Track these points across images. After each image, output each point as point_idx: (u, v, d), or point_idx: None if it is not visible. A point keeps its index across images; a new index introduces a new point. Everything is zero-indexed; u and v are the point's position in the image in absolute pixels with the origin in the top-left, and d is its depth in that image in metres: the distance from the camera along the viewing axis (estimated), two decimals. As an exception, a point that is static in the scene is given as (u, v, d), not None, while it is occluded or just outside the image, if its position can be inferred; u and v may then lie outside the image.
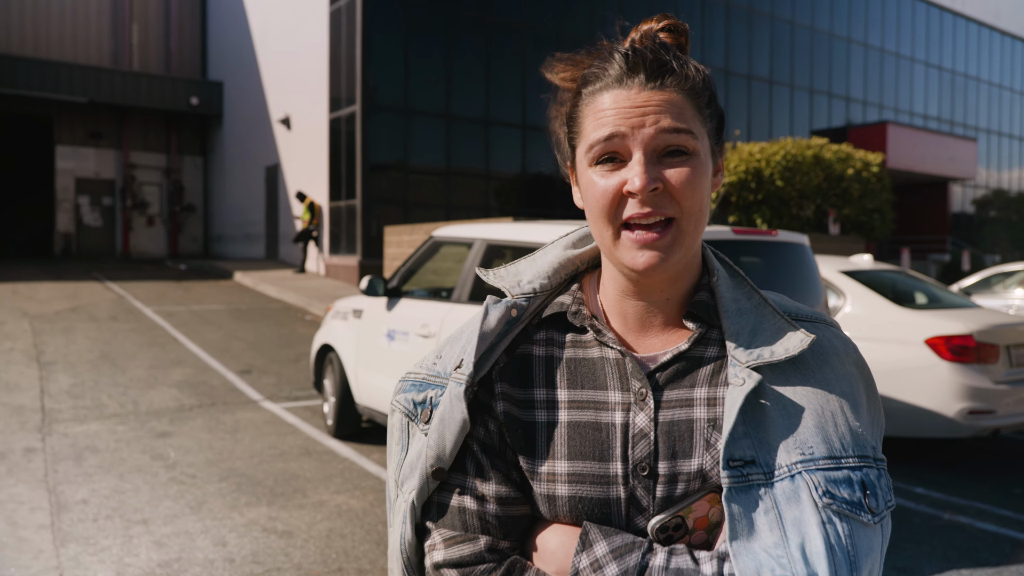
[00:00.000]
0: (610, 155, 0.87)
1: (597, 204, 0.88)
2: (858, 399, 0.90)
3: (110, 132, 21.83)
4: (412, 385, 0.98)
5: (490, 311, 0.95)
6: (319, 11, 16.25)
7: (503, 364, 0.94)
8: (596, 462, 0.89)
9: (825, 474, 0.83)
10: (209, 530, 3.99)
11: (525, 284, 0.98)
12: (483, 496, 0.90)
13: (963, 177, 23.51)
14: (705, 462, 0.88)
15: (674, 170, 0.86)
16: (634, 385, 0.91)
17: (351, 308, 5.73)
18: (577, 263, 1.01)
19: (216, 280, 16.17)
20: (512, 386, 0.93)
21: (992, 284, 10.45)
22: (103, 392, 6.89)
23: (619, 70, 0.88)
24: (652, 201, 0.86)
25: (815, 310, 0.99)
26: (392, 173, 15.68)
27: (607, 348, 0.94)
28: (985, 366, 5.44)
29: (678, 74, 0.87)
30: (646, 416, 0.89)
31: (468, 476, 0.91)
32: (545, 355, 0.95)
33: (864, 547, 0.82)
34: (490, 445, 0.92)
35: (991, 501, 4.86)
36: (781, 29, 21.93)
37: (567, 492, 0.89)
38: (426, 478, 0.91)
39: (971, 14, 27.47)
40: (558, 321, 0.97)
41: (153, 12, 22.37)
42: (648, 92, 0.86)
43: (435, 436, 0.91)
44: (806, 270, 4.34)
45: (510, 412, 0.92)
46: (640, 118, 0.85)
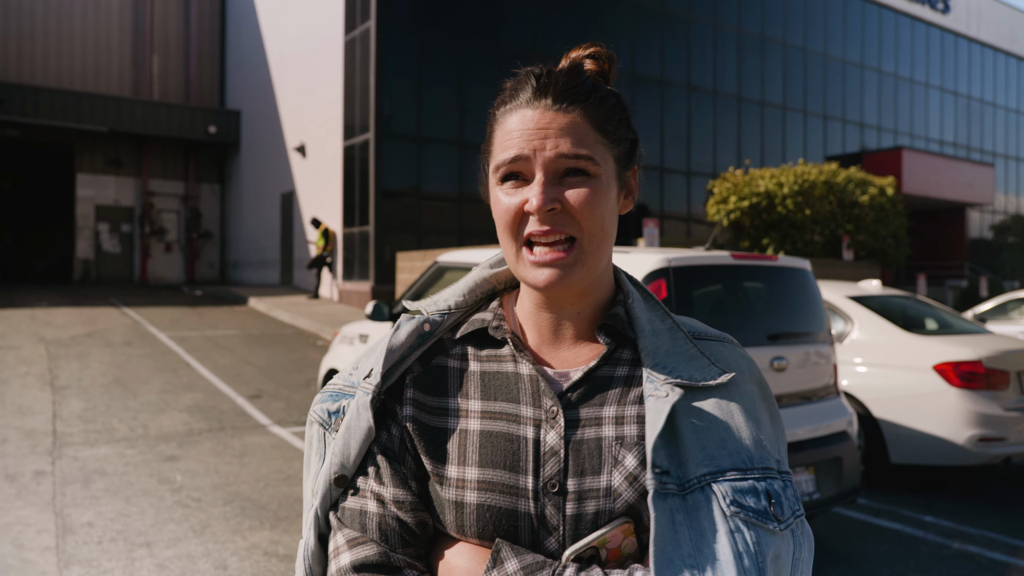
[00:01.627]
0: (514, 174, 0.90)
1: (501, 220, 0.91)
2: (760, 414, 0.94)
3: (130, 160, 22.21)
4: (330, 396, 1.00)
5: (402, 326, 0.98)
6: (334, 41, 16.54)
7: (417, 373, 0.97)
8: (507, 472, 0.90)
9: (732, 484, 0.86)
10: (211, 553, 4.01)
11: (441, 303, 1.01)
12: (382, 498, 0.91)
13: (980, 202, 23.35)
14: (613, 479, 0.88)
15: (573, 191, 0.88)
16: (546, 403, 0.92)
17: (357, 333, 5.77)
18: (494, 282, 1.04)
19: (231, 306, 16.31)
20: (424, 393, 0.95)
21: (1008, 310, 10.34)
22: (114, 416, 6.96)
23: (529, 93, 0.91)
24: (551, 220, 0.88)
25: (720, 331, 1.02)
26: (405, 200, 15.82)
27: (522, 364, 0.95)
28: (995, 392, 5.38)
29: (584, 99, 0.90)
30: (556, 434, 0.90)
31: (368, 479, 0.92)
32: (460, 367, 0.97)
33: (772, 554, 0.85)
34: (391, 449, 0.93)
35: (1001, 530, 4.78)
36: (794, 56, 22.02)
37: (476, 499, 0.89)
38: (329, 485, 0.92)
39: (986, 40, 27.46)
40: (476, 337, 0.99)
41: (173, 43, 22.84)
42: (552, 114, 0.89)
43: (340, 443, 0.93)
44: (808, 295, 4.33)
45: (418, 418, 0.94)
46: (542, 140, 0.88)
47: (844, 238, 14.94)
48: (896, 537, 4.63)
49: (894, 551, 4.40)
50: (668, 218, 18.82)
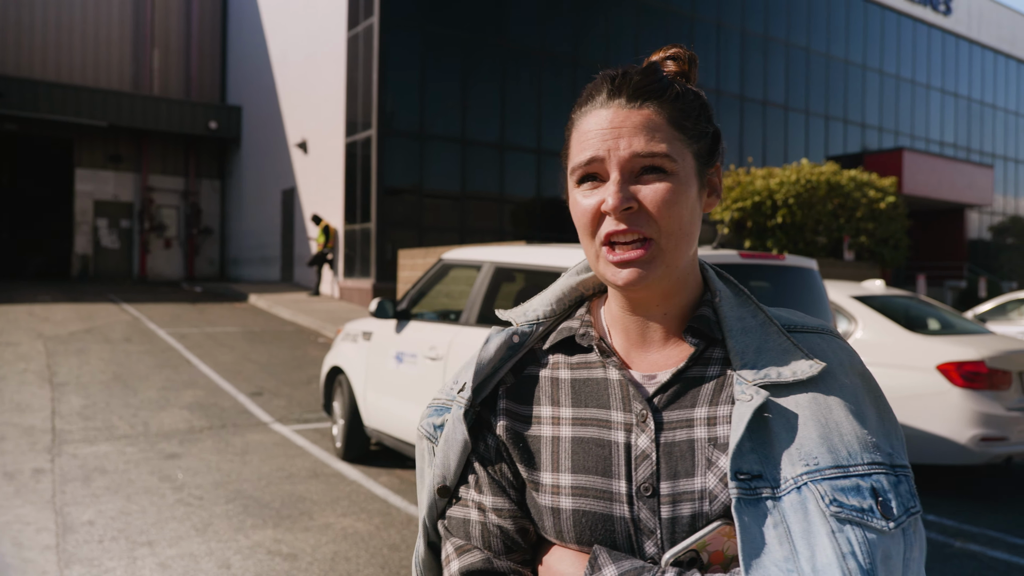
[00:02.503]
0: (590, 176, 0.90)
1: (580, 222, 0.92)
2: (863, 408, 0.89)
3: (129, 155, 22.17)
4: (435, 411, 1.04)
5: (491, 339, 1.01)
6: (337, 37, 16.51)
7: (509, 384, 0.99)
8: (600, 477, 0.90)
9: (831, 483, 0.82)
10: (214, 552, 3.99)
11: (530, 312, 1.03)
12: (482, 507, 0.94)
13: (980, 204, 23.37)
14: (708, 481, 0.87)
15: (649, 189, 0.87)
16: (635, 407, 0.92)
17: (360, 330, 5.75)
18: (581, 289, 1.05)
19: (231, 302, 16.29)
20: (516, 403, 0.98)
21: (1008, 311, 10.34)
22: (114, 413, 6.94)
23: (604, 94, 0.91)
24: (628, 219, 0.87)
25: (819, 320, 0.99)
26: (407, 197, 15.80)
27: (611, 369, 0.96)
28: (997, 392, 5.38)
29: (659, 95, 0.89)
30: (648, 437, 0.90)
31: (469, 488, 0.96)
32: (550, 375, 0.99)
33: (880, 554, 0.81)
34: (487, 459, 0.96)
35: (1003, 529, 4.78)
36: (796, 56, 22.02)
37: (571, 505, 0.91)
38: (433, 496, 0.97)
39: (987, 42, 27.46)
40: (566, 345, 1.01)
41: (174, 38, 22.80)
42: (625, 112, 0.88)
43: (440, 456, 0.97)
44: (814, 294, 4.33)
45: (511, 427, 0.96)
46: (615, 140, 0.88)
47: (845, 239, 14.94)
48: (900, 538, 4.62)
49: (898, 552, 4.39)
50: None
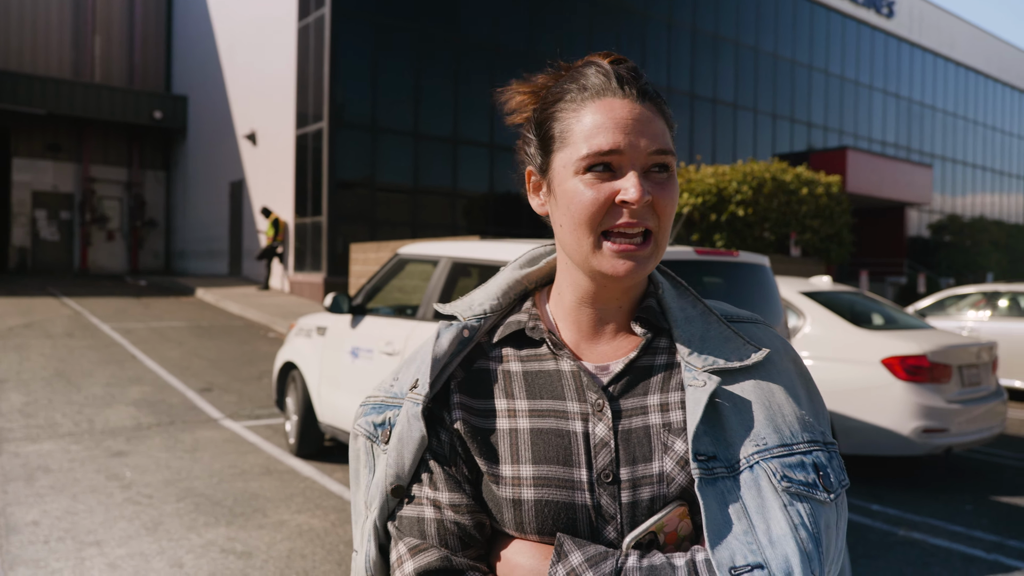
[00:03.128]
0: (604, 164, 0.89)
1: (584, 211, 0.90)
2: (799, 391, 0.97)
3: (69, 145, 21.47)
4: (372, 408, 1.00)
5: (442, 334, 0.98)
6: (287, 27, 16.22)
7: (460, 378, 0.98)
8: (561, 466, 0.91)
9: (780, 460, 0.89)
10: (165, 551, 3.91)
11: (476, 307, 1.02)
12: (438, 503, 0.92)
13: (919, 202, 24.12)
14: (666, 465, 0.91)
15: (659, 185, 0.90)
16: (590, 396, 0.94)
17: (315, 325, 5.68)
18: (525, 283, 1.05)
19: (177, 296, 15.92)
20: (469, 397, 0.96)
21: (946, 306, 10.71)
22: (57, 411, 6.73)
23: (611, 81, 0.91)
24: (639, 213, 0.89)
25: (750, 312, 1.06)
26: (359, 190, 15.63)
27: (563, 360, 0.97)
28: (938, 386, 5.57)
29: (658, 95, 0.93)
30: (605, 426, 0.92)
31: (423, 486, 0.93)
32: (502, 368, 0.98)
33: (823, 523, 0.88)
34: (442, 455, 0.94)
35: (944, 517, 4.96)
36: (745, 55, 22.40)
37: (533, 496, 0.90)
38: (386, 496, 0.94)
39: (927, 45, 28.34)
40: (513, 338, 1.01)
41: (117, 24, 22.13)
42: (640, 107, 0.90)
43: (393, 455, 0.94)
44: (766, 290, 4.42)
45: (467, 420, 0.95)
46: (637, 135, 0.89)
47: (792, 235, 15.29)
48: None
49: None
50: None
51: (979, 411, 5.73)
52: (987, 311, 10.13)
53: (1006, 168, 33.00)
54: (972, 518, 4.98)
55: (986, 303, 10.27)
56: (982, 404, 5.79)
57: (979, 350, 5.96)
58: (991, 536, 4.65)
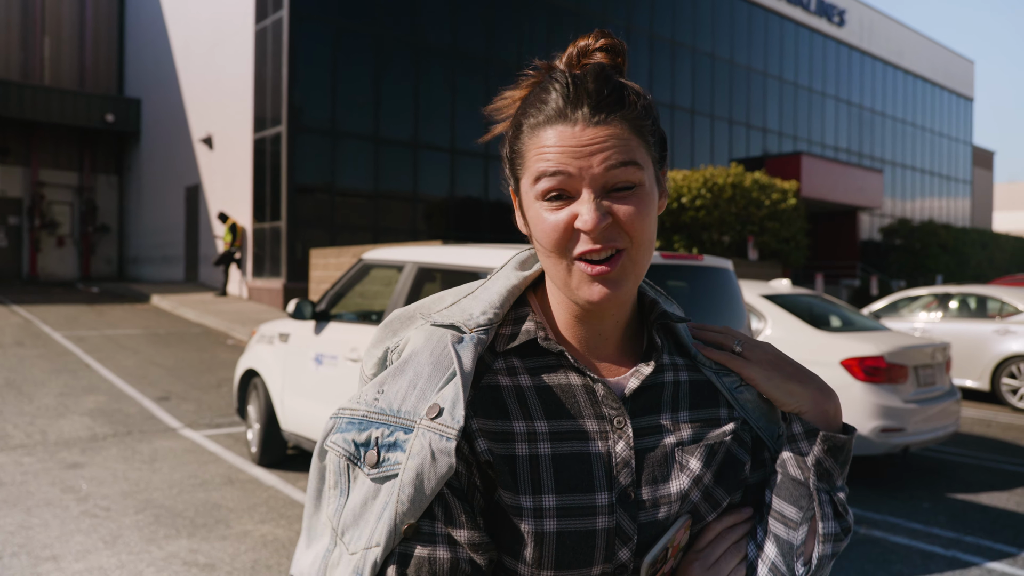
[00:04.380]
0: (557, 192, 0.85)
1: (548, 239, 0.86)
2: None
3: (17, 148, 20.86)
4: (350, 424, 0.88)
5: (461, 352, 0.87)
6: (244, 30, 16.00)
7: (471, 398, 0.87)
8: (583, 494, 0.86)
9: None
10: (125, 565, 3.81)
11: (479, 316, 0.92)
12: (456, 543, 0.83)
13: (871, 206, 24.69)
14: (683, 484, 0.90)
15: (623, 204, 0.85)
16: (608, 413, 0.90)
17: (277, 332, 5.60)
18: (522, 287, 0.98)
19: (132, 303, 15.56)
20: (487, 420, 0.87)
21: (899, 308, 10.98)
22: (8, 422, 6.52)
23: (561, 103, 0.85)
24: (602, 236, 0.85)
25: None
26: (318, 195, 15.47)
27: (574, 374, 0.92)
28: (895, 386, 5.70)
29: (620, 105, 0.85)
30: (625, 444, 0.89)
31: (436, 522, 0.83)
32: (512, 384, 0.90)
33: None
34: (459, 489, 0.84)
35: (902, 515, 5.08)
36: (702, 62, 22.73)
37: (556, 527, 0.85)
38: (393, 535, 0.82)
39: (877, 53, 29.08)
40: (517, 349, 0.93)
41: (67, 25, 21.59)
42: (593, 128, 0.83)
43: (409, 491, 0.82)
44: (730, 294, 4.48)
45: (490, 449, 0.86)
46: (587, 158, 0.83)
47: (749, 239, 15.54)
48: (808, 525, 4.84)
49: (808, 539, 4.60)
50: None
51: (934, 410, 5.88)
52: (939, 312, 10.41)
53: (952, 173, 33.99)
54: (930, 515, 5.10)
55: (937, 304, 10.55)
56: (937, 404, 5.94)
57: (934, 351, 6.12)
58: (948, 533, 4.77)
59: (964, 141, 34.99)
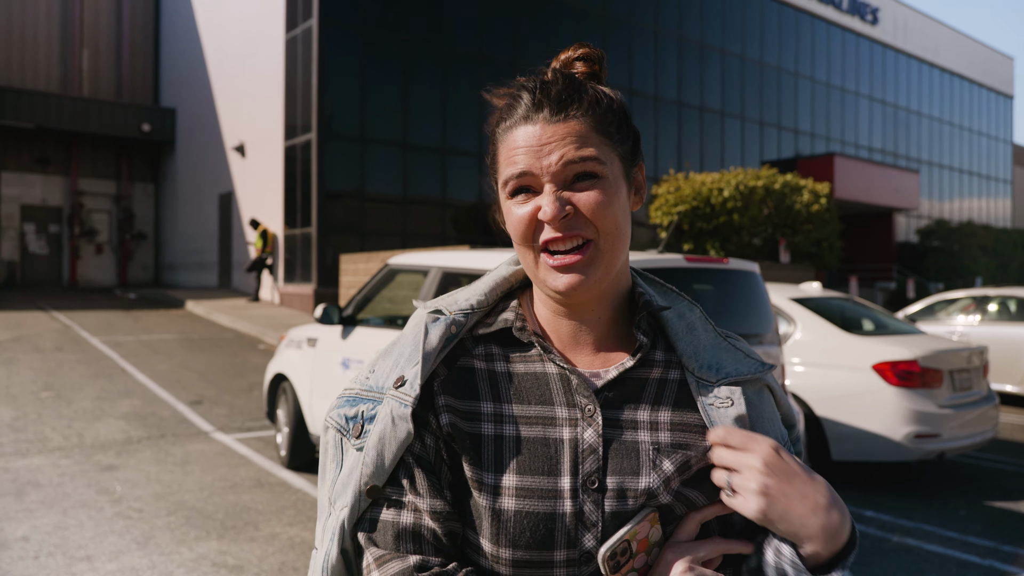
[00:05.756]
0: (523, 188, 0.92)
1: (516, 231, 0.92)
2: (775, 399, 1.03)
3: (58, 158, 21.37)
4: (346, 401, 0.97)
5: (430, 329, 0.95)
6: (275, 39, 16.23)
7: (443, 376, 0.94)
8: (545, 477, 0.89)
9: None
10: (156, 565, 3.87)
11: (463, 302, 0.99)
12: (419, 510, 0.89)
13: (907, 207, 24.28)
14: (652, 482, 0.90)
15: (583, 194, 0.89)
16: (580, 401, 0.92)
17: (305, 337, 5.66)
18: (512, 281, 1.04)
19: (167, 309, 15.84)
20: (455, 398, 0.93)
21: (936, 311, 10.76)
22: (46, 425, 6.67)
23: (526, 107, 0.91)
24: (566, 226, 0.89)
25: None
26: (348, 201, 15.62)
27: (551, 364, 0.95)
28: (930, 391, 5.59)
29: (580, 104, 0.90)
30: (594, 432, 0.90)
31: (403, 491, 0.90)
32: (487, 368, 0.95)
33: None
34: (425, 459, 0.90)
35: (937, 523, 4.97)
36: (731, 63, 22.54)
37: (514, 506, 0.88)
38: (359, 496, 0.90)
39: (912, 51, 28.60)
40: (498, 337, 0.98)
41: (104, 38, 22.08)
42: (552, 127, 0.89)
43: (372, 454, 0.90)
44: (757, 297, 4.43)
45: (455, 424, 0.91)
46: (547, 156, 0.89)
47: (781, 241, 15.36)
48: (840, 532, 4.76)
49: (838, 546, 4.52)
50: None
51: (971, 416, 5.75)
52: (977, 315, 10.19)
53: (992, 172, 33.28)
54: (966, 523, 4.99)
55: (976, 307, 10.33)
56: (974, 409, 5.80)
57: (970, 354, 5.99)
58: (985, 541, 4.65)
59: (1004, 140, 34.24)
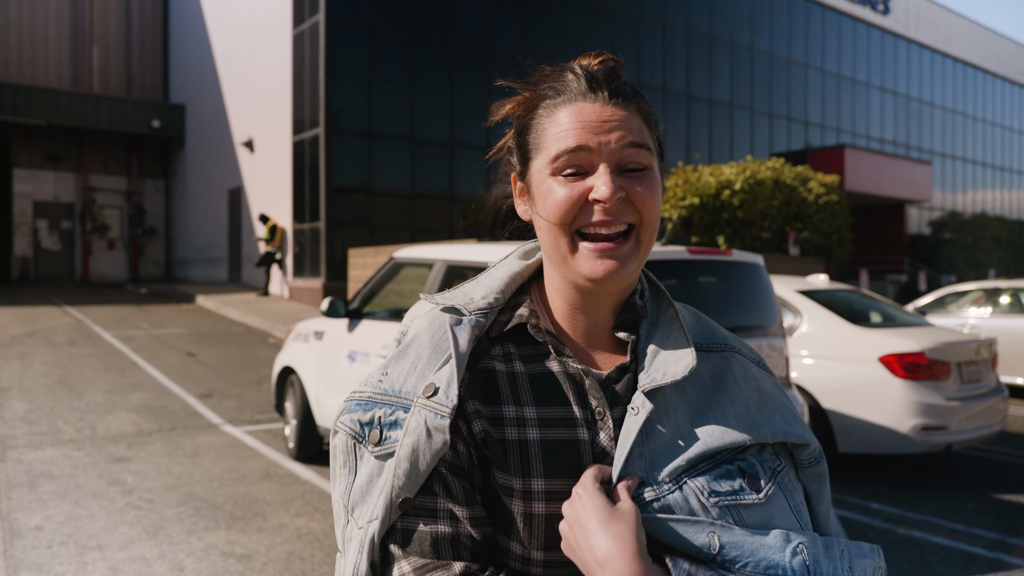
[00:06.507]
0: (575, 167, 0.89)
1: (558, 209, 0.89)
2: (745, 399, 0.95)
3: (69, 155, 21.52)
4: (358, 405, 0.93)
5: (458, 333, 0.92)
6: (282, 34, 16.27)
7: (468, 380, 0.92)
8: (572, 480, 0.89)
9: (705, 476, 0.87)
10: (166, 555, 3.92)
11: (479, 300, 0.97)
12: (457, 518, 0.87)
13: (919, 199, 24.11)
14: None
15: (636, 180, 0.89)
16: (592, 403, 0.92)
17: (312, 330, 5.70)
18: (524, 276, 1.02)
19: (178, 304, 15.95)
20: (482, 403, 0.91)
21: (946, 303, 10.70)
22: (59, 418, 6.75)
23: (582, 85, 0.91)
24: (615, 210, 0.88)
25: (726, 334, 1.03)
26: (356, 196, 15.66)
27: (566, 362, 0.94)
28: (937, 383, 5.57)
29: (633, 96, 0.92)
30: (606, 435, 0.91)
31: (438, 498, 0.87)
32: (507, 371, 0.94)
33: (759, 523, 0.86)
34: (459, 467, 0.89)
35: (944, 516, 4.96)
36: (740, 54, 22.42)
37: (545, 511, 0.88)
38: (389, 508, 0.87)
39: (924, 41, 28.35)
40: (513, 335, 0.96)
41: (114, 35, 22.19)
42: (611, 108, 0.90)
43: (405, 466, 0.86)
44: (761, 289, 4.43)
45: (486, 430, 0.90)
46: (607, 134, 0.88)
47: (790, 234, 15.29)
48: (844, 524, 4.77)
49: (843, 537, 4.52)
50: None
51: (979, 408, 5.73)
52: (988, 308, 10.13)
53: (1007, 164, 32.99)
54: (973, 516, 4.97)
55: (987, 300, 10.27)
56: (982, 401, 5.78)
57: (978, 347, 5.96)
58: (992, 534, 4.64)
59: (1019, 130, 33.94)
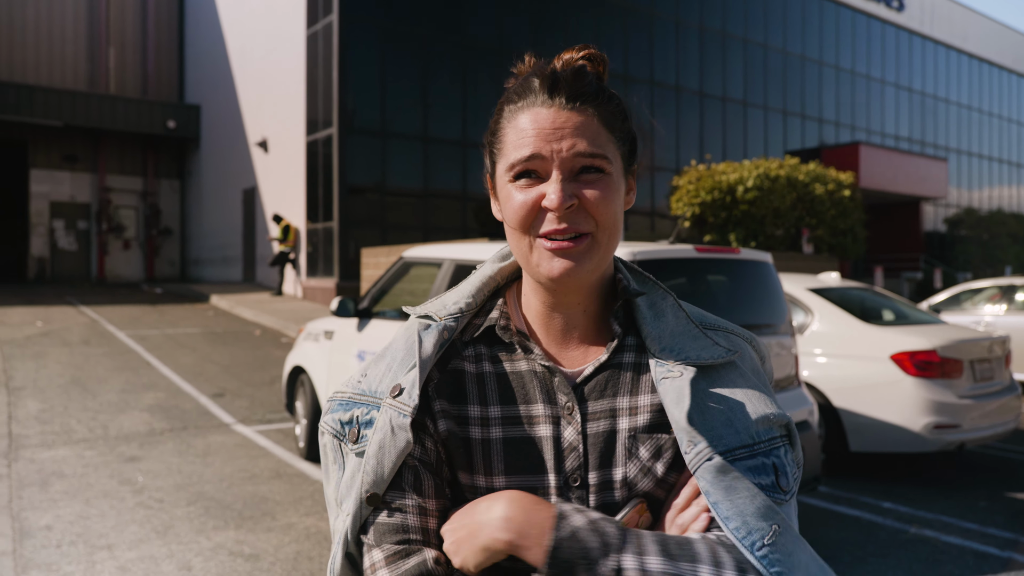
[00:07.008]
0: (528, 172, 0.90)
1: (516, 216, 0.91)
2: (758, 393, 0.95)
3: (86, 156, 21.71)
4: (340, 405, 0.98)
5: (424, 338, 0.96)
6: (296, 35, 16.34)
7: (437, 380, 0.95)
8: (532, 475, 0.91)
9: (743, 463, 0.87)
10: (175, 555, 3.95)
11: (451, 306, 1.00)
12: (425, 510, 0.90)
13: (935, 196, 23.88)
14: (629, 471, 0.91)
15: (589, 188, 0.89)
16: (560, 399, 0.93)
17: (322, 329, 5.72)
18: (498, 279, 1.04)
19: (192, 303, 16.05)
20: (449, 403, 0.94)
21: (961, 301, 10.60)
22: (72, 417, 6.81)
23: (541, 91, 0.91)
24: (568, 217, 0.89)
25: (721, 319, 1.03)
26: (369, 195, 15.71)
27: (533, 361, 0.96)
28: (949, 381, 5.52)
29: (595, 99, 0.91)
30: (574, 429, 0.92)
31: (407, 493, 0.90)
32: (475, 371, 0.97)
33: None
34: (427, 462, 0.92)
35: (956, 514, 4.92)
36: (754, 52, 22.30)
37: None
38: (360, 503, 0.91)
39: (939, 37, 28.08)
40: (485, 337, 0.99)
41: (130, 36, 22.37)
42: (567, 113, 0.89)
43: (372, 463, 0.90)
44: (770, 287, 4.40)
45: (451, 429, 0.93)
46: (559, 141, 0.89)
47: (804, 232, 15.19)
48: (856, 523, 4.74)
49: (854, 537, 4.50)
50: (632, 213, 18.95)
51: (992, 406, 5.68)
52: (1003, 305, 10.02)
53: (1023, 160, 32.63)
54: (986, 515, 4.93)
55: (1002, 297, 10.15)
56: (995, 399, 5.73)
57: (991, 344, 5.90)
58: (1005, 533, 4.60)
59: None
